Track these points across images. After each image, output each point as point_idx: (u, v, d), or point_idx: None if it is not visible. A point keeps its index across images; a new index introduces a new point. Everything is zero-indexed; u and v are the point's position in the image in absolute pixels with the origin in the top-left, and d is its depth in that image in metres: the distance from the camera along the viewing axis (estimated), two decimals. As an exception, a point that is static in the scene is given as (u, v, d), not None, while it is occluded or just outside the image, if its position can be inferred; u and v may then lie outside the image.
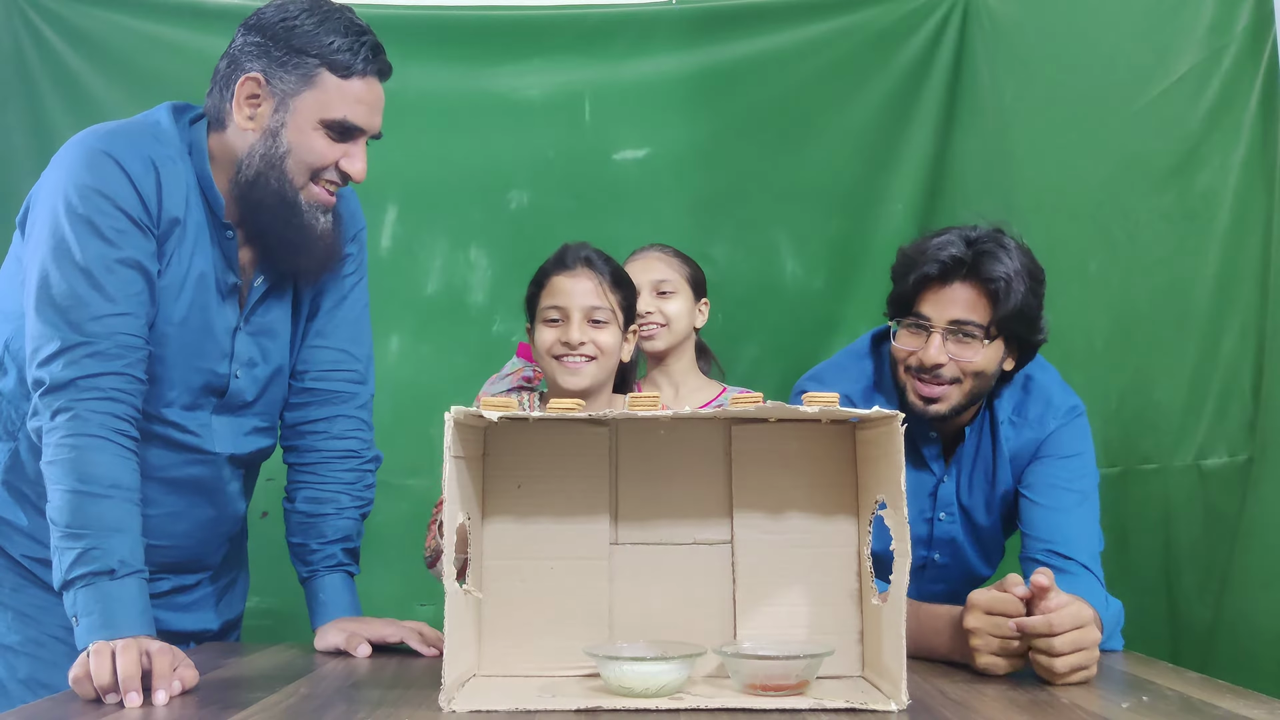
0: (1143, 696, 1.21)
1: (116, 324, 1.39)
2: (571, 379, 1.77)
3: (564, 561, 1.34)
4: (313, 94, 1.46)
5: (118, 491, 1.35)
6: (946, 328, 1.60)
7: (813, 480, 1.35)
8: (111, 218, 1.40)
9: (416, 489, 2.54)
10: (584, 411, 1.21)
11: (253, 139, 1.48)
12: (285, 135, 1.47)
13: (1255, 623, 1.70)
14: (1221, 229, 1.84)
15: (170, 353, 1.50)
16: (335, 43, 1.46)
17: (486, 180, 2.70)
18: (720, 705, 1.15)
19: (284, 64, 1.46)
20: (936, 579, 1.78)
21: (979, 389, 1.64)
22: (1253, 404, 1.76)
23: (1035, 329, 1.63)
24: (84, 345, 1.37)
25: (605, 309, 1.78)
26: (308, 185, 1.50)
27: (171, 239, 1.47)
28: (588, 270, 1.79)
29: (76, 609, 1.30)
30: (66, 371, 1.36)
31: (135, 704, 1.18)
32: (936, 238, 1.63)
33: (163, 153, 1.47)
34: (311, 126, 1.47)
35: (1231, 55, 1.81)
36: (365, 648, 1.54)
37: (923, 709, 1.15)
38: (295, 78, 1.46)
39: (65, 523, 1.32)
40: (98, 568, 1.30)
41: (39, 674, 1.52)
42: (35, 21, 2.65)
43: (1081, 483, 1.64)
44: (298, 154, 1.48)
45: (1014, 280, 1.57)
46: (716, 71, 2.76)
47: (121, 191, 1.41)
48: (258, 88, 1.47)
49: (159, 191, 1.44)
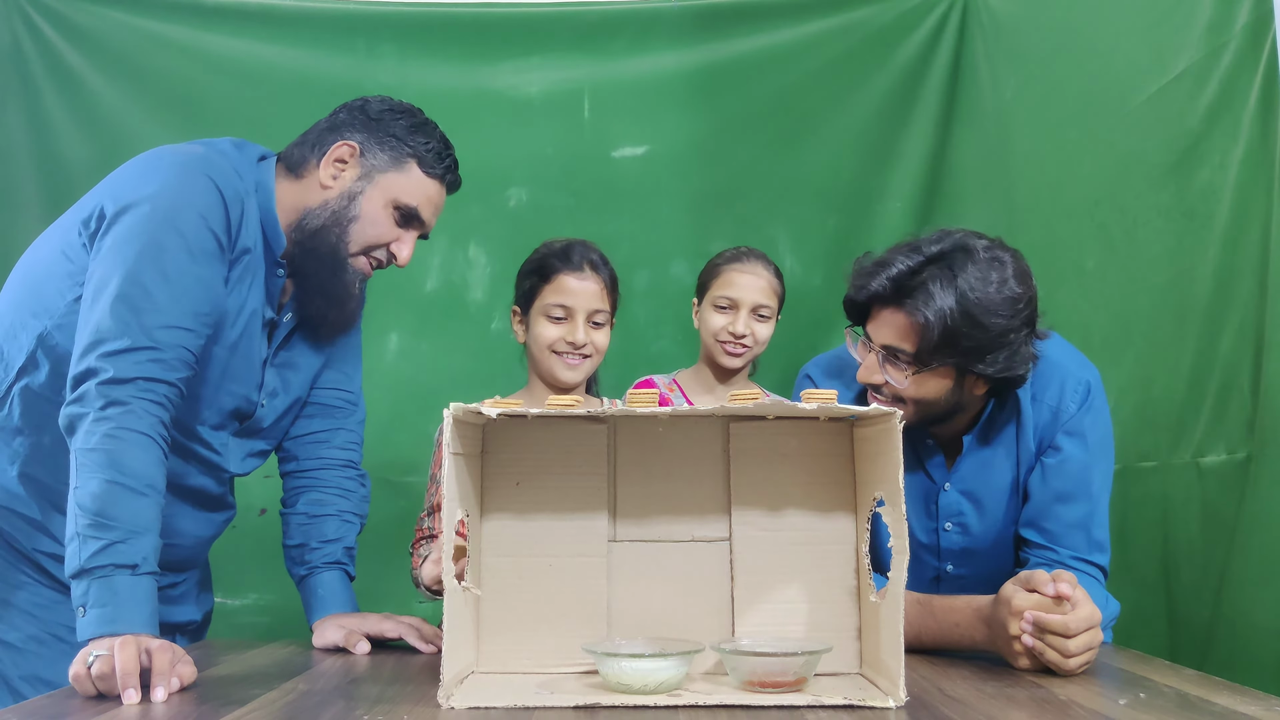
0: (1140, 693, 1.21)
1: (182, 338, 1.44)
2: (569, 374, 1.91)
3: (562, 558, 1.34)
4: (397, 177, 1.61)
5: (153, 492, 1.36)
6: (881, 349, 1.56)
7: (811, 477, 1.35)
8: (202, 237, 1.47)
9: (415, 486, 2.53)
10: (583, 408, 1.21)
11: (328, 196, 1.60)
12: (360, 202, 1.60)
13: (1253, 620, 1.70)
14: (1220, 226, 1.84)
15: (214, 374, 1.56)
16: (430, 144, 1.63)
17: (486, 177, 2.69)
18: (718, 702, 1.15)
19: (381, 144, 1.61)
20: (956, 592, 1.62)
21: (927, 412, 1.58)
22: (1251, 402, 1.76)
23: (985, 362, 1.51)
24: (151, 350, 1.41)
25: (605, 312, 1.92)
26: (359, 256, 1.62)
27: (239, 267, 1.55)
28: (594, 274, 1.90)
29: (87, 599, 1.28)
30: (132, 369, 1.39)
31: (133, 700, 1.18)
32: (890, 254, 1.56)
33: (242, 185, 1.56)
34: (384, 204, 1.60)
35: (1231, 53, 1.81)
36: (364, 645, 1.54)
37: (920, 705, 1.15)
38: (387, 158, 1.61)
39: (96, 511, 1.31)
40: (121, 561, 1.30)
41: (41, 671, 1.52)
42: (34, 19, 2.66)
43: (1091, 472, 1.61)
44: (364, 223, 1.60)
45: (934, 320, 1.48)
46: (716, 69, 2.76)
47: (215, 214, 1.49)
48: (350, 155, 1.60)
49: (241, 221, 1.53)
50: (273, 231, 1.59)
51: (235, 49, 2.71)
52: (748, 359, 2.20)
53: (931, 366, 1.53)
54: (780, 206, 2.75)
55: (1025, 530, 1.64)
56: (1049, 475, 1.61)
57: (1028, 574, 1.35)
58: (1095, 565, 1.59)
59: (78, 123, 2.65)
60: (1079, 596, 1.30)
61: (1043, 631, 1.30)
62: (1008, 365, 1.52)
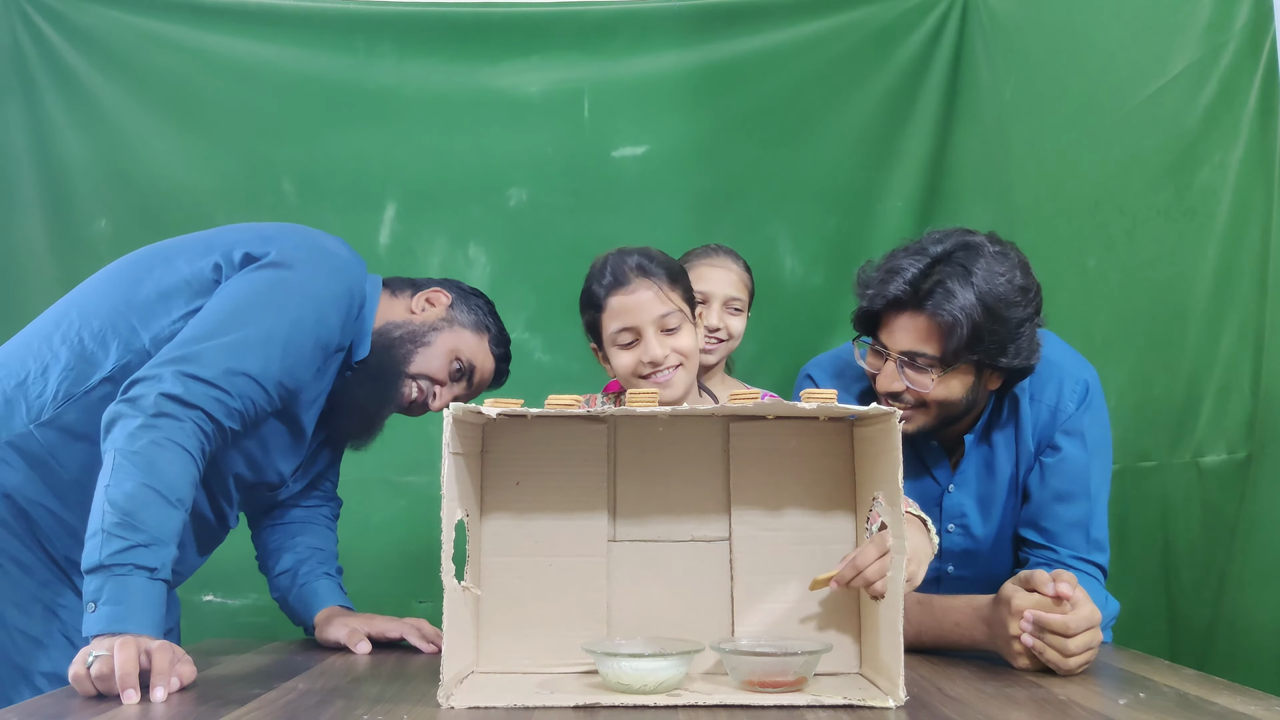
0: (1140, 693, 1.21)
1: (256, 396, 1.51)
2: (666, 392, 1.66)
3: (562, 558, 1.34)
4: (470, 336, 1.78)
5: (182, 506, 1.37)
6: (900, 356, 1.55)
7: (810, 477, 1.35)
8: (324, 323, 1.59)
9: (415, 485, 2.54)
10: (582, 408, 1.21)
11: (412, 320, 1.75)
12: (435, 336, 1.74)
13: (1253, 620, 1.70)
14: (1220, 226, 1.84)
15: (274, 442, 1.64)
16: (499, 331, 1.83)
17: (485, 177, 2.70)
18: (718, 701, 1.15)
19: (468, 307, 1.80)
20: (957, 593, 1.62)
21: (948, 414, 1.59)
22: (1251, 401, 1.76)
23: (1007, 355, 1.53)
24: (224, 393, 1.46)
25: (674, 312, 1.65)
26: (410, 381, 1.72)
27: (332, 360, 1.66)
28: (644, 280, 1.65)
29: (101, 595, 1.28)
30: (199, 398, 1.43)
31: (132, 700, 1.18)
32: (897, 259, 1.55)
33: (362, 293, 1.70)
34: (450, 348, 1.75)
35: (1230, 52, 1.81)
36: (365, 644, 1.55)
37: (920, 705, 1.15)
38: (469, 318, 1.79)
39: (127, 510, 1.31)
40: (143, 562, 1.30)
41: (62, 668, 1.52)
42: (34, 18, 2.66)
43: (1090, 471, 1.62)
44: (430, 353, 1.73)
45: (962, 318, 1.48)
46: (715, 69, 2.76)
47: (341, 311, 1.62)
48: (441, 301, 1.79)
49: (344, 323, 1.64)
50: (361, 339, 1.70)
51: (235, 49, 2.71)
52: (722, 354, 2.19)
53: (955, 366, 1.53)
54: (780, 206, 2.75)
55: (1024, 530, 1.64)
56: (1048, 475, 1.62)
57: (1027, 574, 1.35)
58: (1095, 564, 1.60)
59: (77, 123, 2.65)
60: (1079, 596, 1.30)
61: (1042, 631, 1.30)
62: (1025, 356, 1.54)
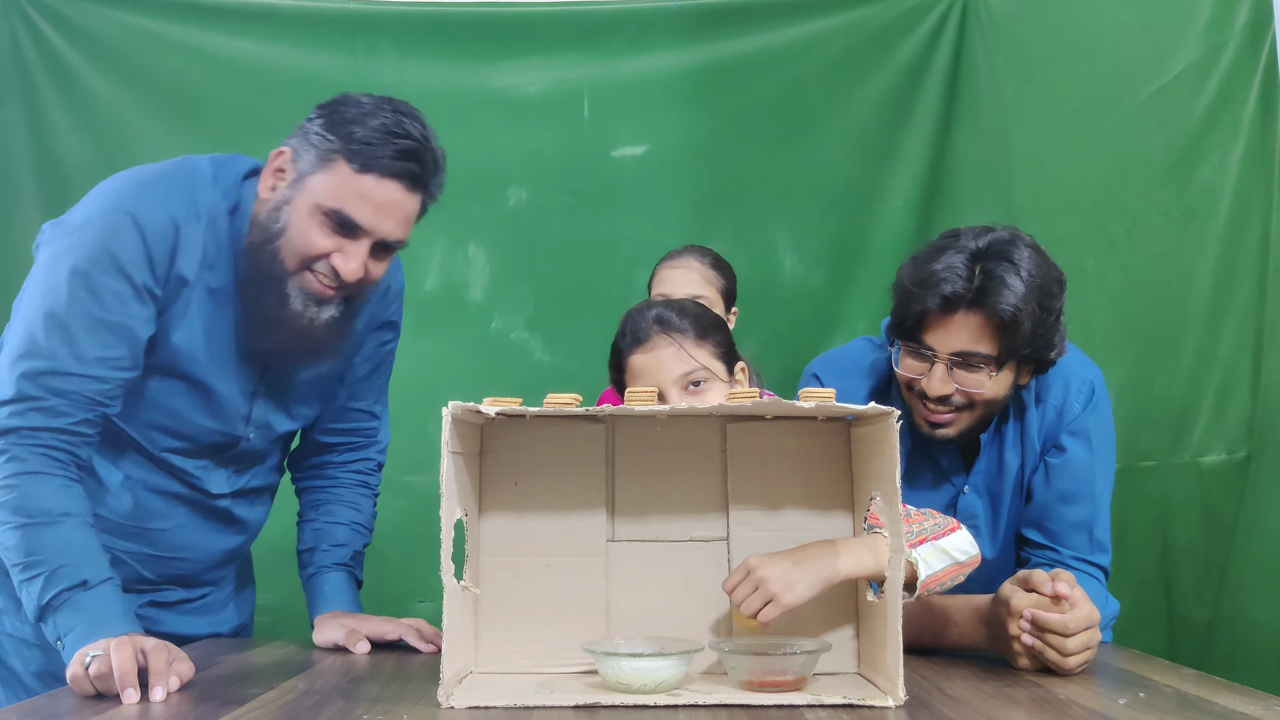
0: (1140, 693, 1.21)
1: (77, 384, 1.38)
2: None
3: (561, 558, 1.34)
4: (323, 178, 1.40)
5: (68, 519, 1.34)
6: (951, 358, 1.50)
7: (809, 476, 1.35)
8: (112, 279, 1.38)
9: (415, 485, 2.54)
10: (580, 408, 1.21)
11: (263, 207, 1.44)
12: (287, 213, 1.41)
13: (1253, 620, 1.70)
14: (1220, 225, 1.84)
15: (175, 406, 1.50)
16: (359, 133, 1.39)
17: (485, 177, 2.70)
18: (718, 701, 1.14)
19: (311, 143, 1.41)
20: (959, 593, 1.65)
21: (991, 412, 1.57)
22: (1251, 401, 1.75)
23: (1051, 346, 1.52)
24: (34, 400, 1.36)
25: (699, 369, 1.53)
26: (301, 272, 1.43)
27: (179, 300, 1.44)
28: (665, 336, 1.54)
29: (59, 630, 1.29)
30: (11, 421, 1.36)
31: (132, 700, 1.18)
32: (939, 259, 1.50)
33: (189, 211, 1.43)
34: (310, 210, 1.40)
35: (1230, 52, 1.81)
36: (364, 644, 1.54)
37: (920, 705, 1.15)
38: (313, 157, 1.41)
39: (23, 556, 1.31)
40: (69, 583, 1.30)
41: (53, 667, 1.52)
42: (33, 18, 2.66)
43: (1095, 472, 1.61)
44: (291, 236, 1.41)
45: (1023, 308, 1.46)
46: (715, 68, 2.76)
47: (130, 254, 1.39)
48: (285, 162, 1.43)
49: (173, 254, 1.41)
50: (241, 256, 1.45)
51: (235, 49, 2.71)
52: None
53: (1008, 363, 1.51)
54: (780, 206, 2.75)
55: (1027, 530, 1.63)
56: (1053, 475, 1.61)
57: (1026, 573, 1.35)
58: (1096, 566, 1.59)
59: (77, 123, 2.66)
60: (1077, 596, 1.30)
61: (1041, 631, 1.30)
62: (1059, 349, 1.54)
